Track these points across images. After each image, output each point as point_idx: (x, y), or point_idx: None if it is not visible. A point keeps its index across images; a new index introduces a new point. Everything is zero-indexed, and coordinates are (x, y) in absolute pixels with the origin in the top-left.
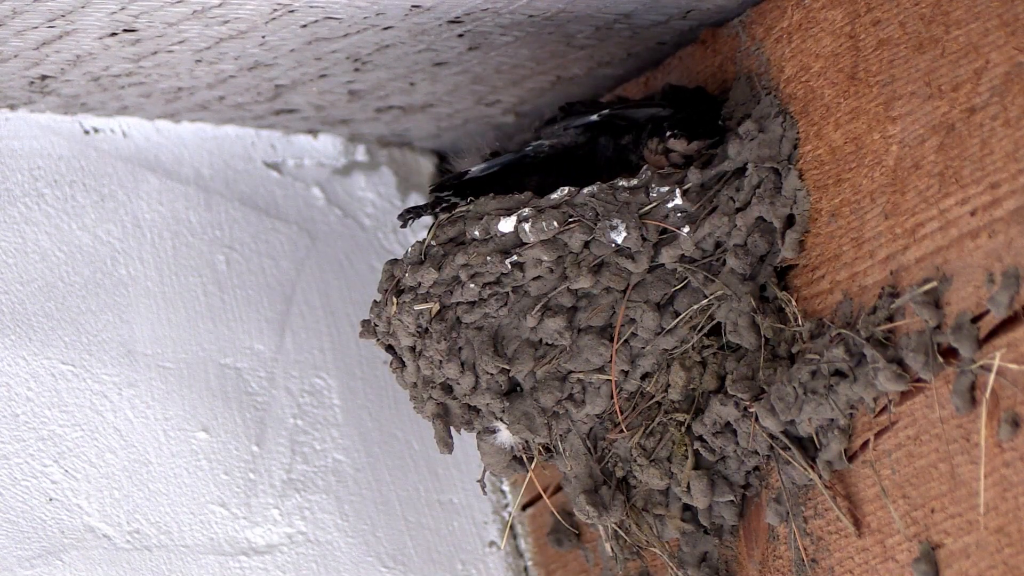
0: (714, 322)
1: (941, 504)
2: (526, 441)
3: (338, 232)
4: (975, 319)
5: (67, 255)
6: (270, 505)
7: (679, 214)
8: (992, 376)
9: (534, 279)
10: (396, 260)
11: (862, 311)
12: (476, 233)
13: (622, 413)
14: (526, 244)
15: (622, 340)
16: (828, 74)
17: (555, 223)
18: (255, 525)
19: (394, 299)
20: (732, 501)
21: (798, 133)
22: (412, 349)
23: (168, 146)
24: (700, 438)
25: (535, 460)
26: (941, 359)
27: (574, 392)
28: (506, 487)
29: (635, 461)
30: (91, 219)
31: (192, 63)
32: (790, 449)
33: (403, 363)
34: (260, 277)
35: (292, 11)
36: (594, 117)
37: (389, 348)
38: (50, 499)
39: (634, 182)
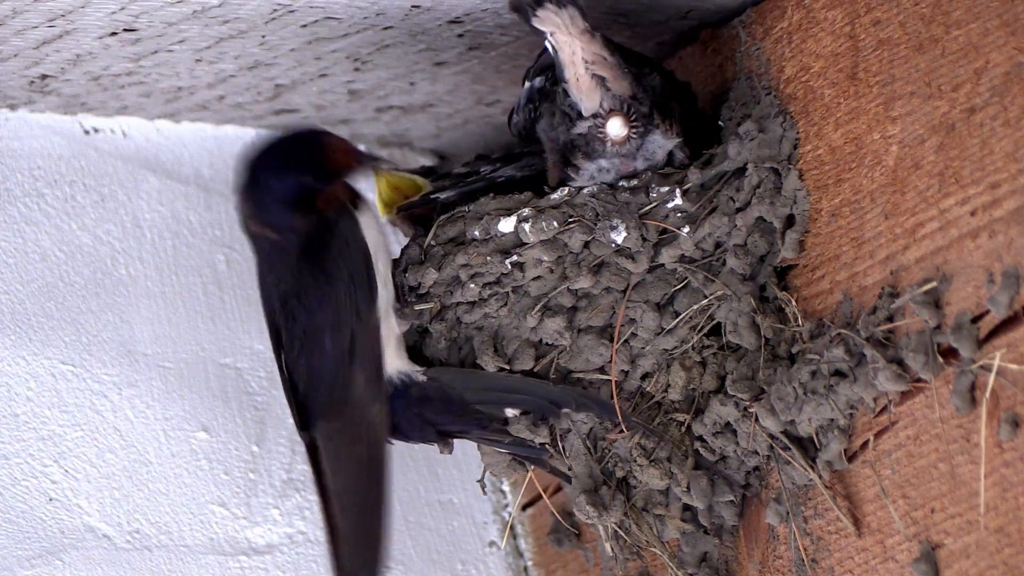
0: (714, 322)
1: (941, 504)
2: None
3: None
4: (975, 319)
5: (67, 255)
6: (270, 505)
7: (679, 214)
8: (992, 376)
9: (534, 279)
10: (396, 260)
11: (862, 311)
12: (476, 233)
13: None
14: (526, 244)
15: (622, 340)
16: (828, 74)
17: (555, 223)
18: (255, 525)
19: None
20: (732, 501)
21: (798, 133)
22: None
23: (168, 146)
24: (700, 438)
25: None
26: (941, 359)
27: None
28: (506, 487)
29: (635, 461)
30: (91, 219)
31: (192, 63)
32: (790, 449)
33: None
34: None
35: (292, 11)
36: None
37: None
38: (50, 499)
39: (634, 182)
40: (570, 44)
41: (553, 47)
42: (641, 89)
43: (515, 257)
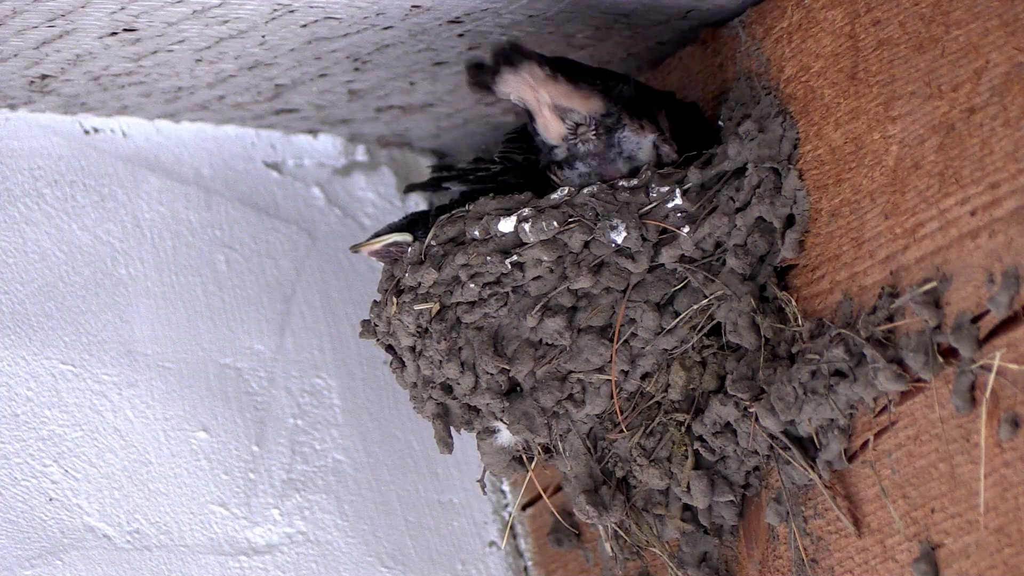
0: (714, 322)
1: (941, 504)
2: (526, 441)
3: (338, 232)
4: (975, 319)
5: (67, 255)
6: (270, 505)
7: (679, 214)
8: (992, 376)
9: (534, 279)
10: (396, 260)
11: (862, 311)
12: (476, 233)
13: (622, 413)
14: (526, 244)
15: (622, 340)
16: (828, 74)
17: (555, 223)
18: (255, 525)
19: (394, 299)
20: (732, 501)
21: (798, 133)
22: (412, 349)
23: (168, 146)
24: (700, 438)
25: (535, 460)
26: (941, 359)
27: (574, 392)
28: (506, 487)
29: (635, 461)
30: (91, 219)
31: (192, 62)
32: (790, 449)
33: (403, 363)
34: (260, 277)
35: (292, 11)
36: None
37: (389, 348)
38: (50, 499)
39: (634, 182)
40: (535, 95)
41: (520, 100)
42: (612, 101)
43: (515, 257)
